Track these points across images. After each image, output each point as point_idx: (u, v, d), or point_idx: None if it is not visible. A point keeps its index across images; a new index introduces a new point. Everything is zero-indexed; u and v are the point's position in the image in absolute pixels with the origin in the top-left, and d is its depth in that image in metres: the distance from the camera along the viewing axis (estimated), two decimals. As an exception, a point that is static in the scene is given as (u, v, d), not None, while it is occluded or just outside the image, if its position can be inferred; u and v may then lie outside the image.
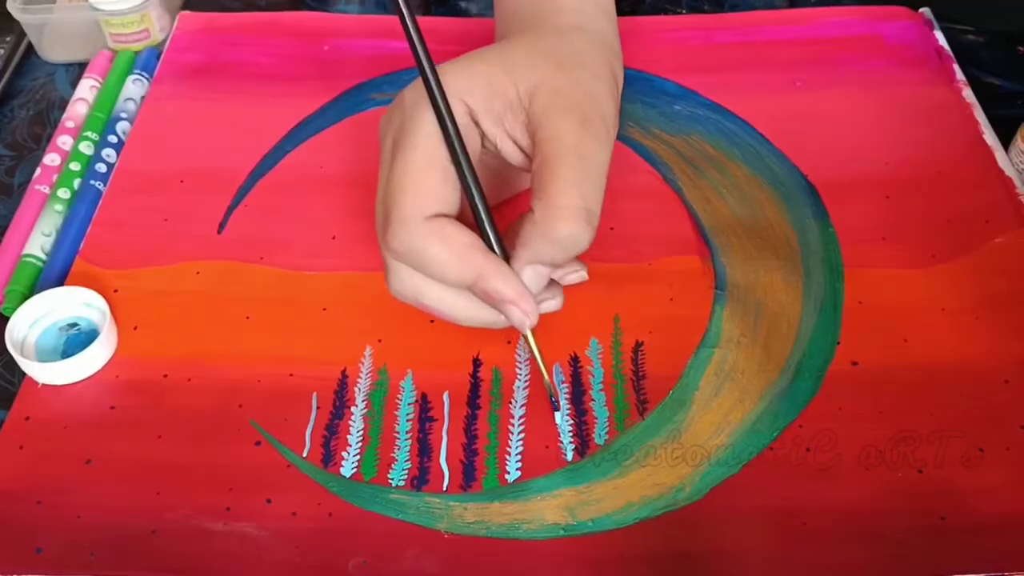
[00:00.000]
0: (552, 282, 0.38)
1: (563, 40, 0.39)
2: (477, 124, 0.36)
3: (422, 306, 0.37)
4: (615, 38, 0.44)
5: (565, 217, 0.34)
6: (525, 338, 0.37)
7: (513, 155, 0.37)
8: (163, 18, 0.54)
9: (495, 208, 0.38)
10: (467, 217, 0.36)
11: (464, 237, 0.34)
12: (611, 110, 0.38)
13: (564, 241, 0.34)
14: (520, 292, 0.35)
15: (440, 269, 0.35)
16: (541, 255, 0.35)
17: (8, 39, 0.54)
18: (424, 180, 0.34)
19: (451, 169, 0.35)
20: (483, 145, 0.37)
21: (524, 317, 0.35)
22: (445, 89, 0.35)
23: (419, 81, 0.35)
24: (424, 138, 0.35)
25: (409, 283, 0.36)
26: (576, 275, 0.39)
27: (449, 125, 0.34)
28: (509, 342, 0.39)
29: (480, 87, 0.36)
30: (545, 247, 0.35)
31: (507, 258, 0.36)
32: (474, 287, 0.35)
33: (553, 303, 0.38)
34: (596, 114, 0.36)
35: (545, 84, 0.36)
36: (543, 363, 0.37)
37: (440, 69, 0.35)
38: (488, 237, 0.36)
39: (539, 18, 0.42)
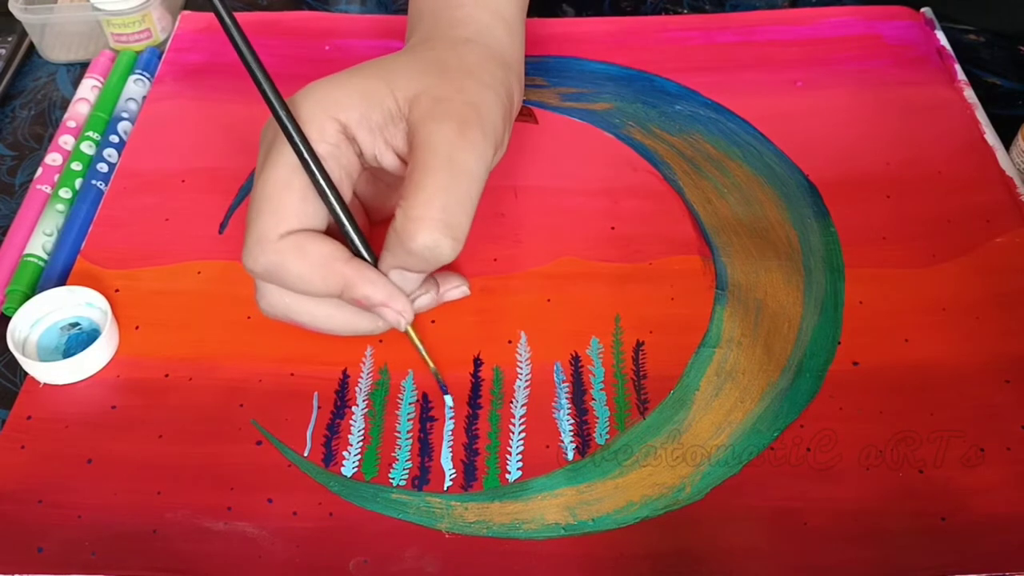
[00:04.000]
0: (428, 278, 0.37)
1: (453, 52, 0.38)
2: (354, 139, 0.35)
3: (295, 323, 0.36)
4: (515, 55, 0.41)
5: (422, 228, 0.32)
6: (407, 335, 0.37)
7: (395, 166, 0.36)
8: (164, 18, 0.54)
9: (388, 221, 0.35)
10: (338, 231, 0.35)
11: (325, 248, 0.34)
12: (496, 121, 0.35)
13: (421, 252, 0.33)
14: (390, 293, 0.34)
15: (303, 284, 0.34)
16: (402, 263, 0.34)
17: (10, 39, 0.54)
18: (282, 199, 0.34)
19: (313, 185, 0.34)
20: (362, 159, 0.36)
21: (399, 317, 0.35)
22: (316, 106, 0.34)
23: (290, 98, 0.35)
24: (284, 155, 0.34)
25: (278, 302, 0.36)
26: (457, 291, 0.39)
27: (301, 146, 0.33)
28: (510, 342, 0.39)
29: (355, 101, 0.35)
30: (404, 256, 0.34)
31: (376, 262, 0.35)
32: (343, 296, 0.35)
33: (427, 298, 0.38)
34: (476, 123, 0.34)
35: (427, 92, 0.35)
36: (427, 355, 0.37)
37: (313, 86, 0.35)
38: (354, 244, 0.35)
39: (436, 30, 0.40)
